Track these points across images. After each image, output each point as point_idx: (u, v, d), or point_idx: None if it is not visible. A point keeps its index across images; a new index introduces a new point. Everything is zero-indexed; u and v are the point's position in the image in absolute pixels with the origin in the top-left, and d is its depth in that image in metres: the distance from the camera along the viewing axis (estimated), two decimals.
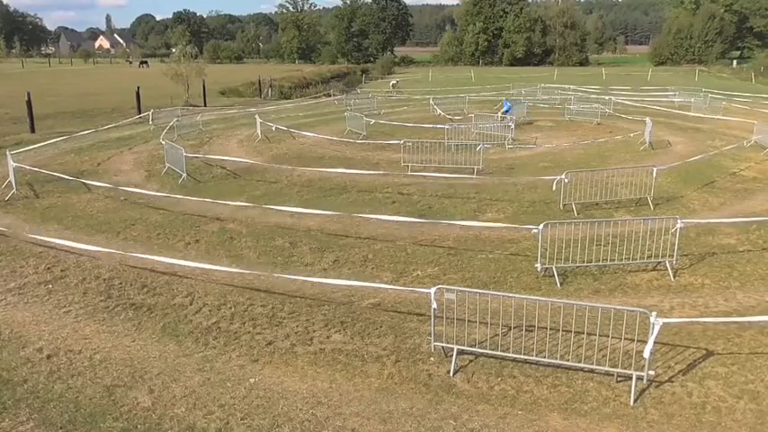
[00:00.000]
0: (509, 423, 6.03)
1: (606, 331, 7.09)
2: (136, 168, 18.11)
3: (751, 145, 19.99)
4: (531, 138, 22.81)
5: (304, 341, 7.64)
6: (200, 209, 13.16)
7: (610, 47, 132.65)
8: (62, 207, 13.88)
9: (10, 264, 10.27)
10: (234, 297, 8.90)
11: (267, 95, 43.61)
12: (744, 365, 6.98)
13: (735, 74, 69.44)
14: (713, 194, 14.66)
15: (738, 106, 31.96)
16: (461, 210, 13.55)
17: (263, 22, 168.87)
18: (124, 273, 9.83)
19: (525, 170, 17.19)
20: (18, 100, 28.19)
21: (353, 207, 13.34)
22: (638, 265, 9.87)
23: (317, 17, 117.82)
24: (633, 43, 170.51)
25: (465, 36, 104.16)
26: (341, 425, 6.00)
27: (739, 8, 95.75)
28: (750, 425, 5.97)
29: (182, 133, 23.49)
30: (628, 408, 6.25)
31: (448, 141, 19.03)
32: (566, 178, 12.96)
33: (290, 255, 10.78)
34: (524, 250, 10.68)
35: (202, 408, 6.26)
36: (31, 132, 24.16)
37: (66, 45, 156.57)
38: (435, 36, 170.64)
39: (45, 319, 8.26)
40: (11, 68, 76.92)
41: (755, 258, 10.40)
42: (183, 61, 38.42)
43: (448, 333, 7.19)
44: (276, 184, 16.00)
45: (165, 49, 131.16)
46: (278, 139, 22.86)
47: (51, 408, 6.26)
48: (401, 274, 9.89)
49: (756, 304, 8.61)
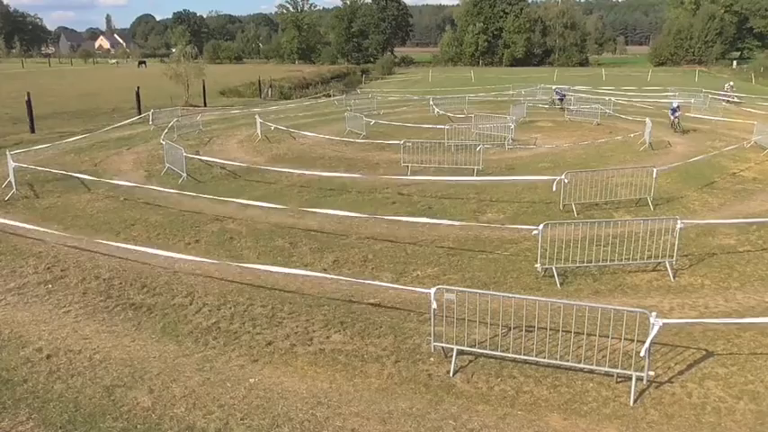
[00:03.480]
0: (509, 423, 6.02)
1: (606, 332, 7.09)
2: (136, 168, 18.12)
3: (751, 145, 20.00)
4: (530, 138, 22.82)
5: (304, 341, 7.64)
6: (200, 208, 13.16)
7: (610, 47, 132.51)
8: (62, 207, 13.88)
9: (10, 264, 10.27)
10: (234, 297, 8.90)
11: (267, 96, 43.61)
12: (744, 366, 6.98)
13: (735, 74, 69.41)
14: (713, 195, 14.66)
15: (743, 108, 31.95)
16: (461, 210, 13.55)
17: (263, 23, 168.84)
18: (124, 273, 9.83)
19: (525, 170, 17.18)
20: (18, 100, 28.21)
21: (354, 207, 13.33)
22: (638, 266, 9.87)
23: (317, 17, 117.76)
24: (633, 44, 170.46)
25: (465, 36, 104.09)
26: (341, 425, 6.00)
27: (739, 9, 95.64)
28: (750, 425, 5.97)
29: (182, 133, 23.49)
30: (627, 408, 6.25)
31: (448, 142, 19.04)
32: (566, 179, 12.96)
33: (290, 255, 10.78)
34: (524, 251, 10.68)
35: (202, 408, 6.26)
36: (31, 132, 24.18)
37: (66, 45, 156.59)
38: (435, 36, 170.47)
39: (45, 318, 8.26)
40: (11, 68, 76.91)
41: (755, 259, 10.40)
42: (182, 61, 38.44)
43: (448, 333, 7.19)
44: (276, 185, 16.00)
45: (165, 50, 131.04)
46: (278, 140, 22.86)
47: (51, 408, 6.26)
48: (401, 274, 9.89)
49: (756, 305, 8.61)
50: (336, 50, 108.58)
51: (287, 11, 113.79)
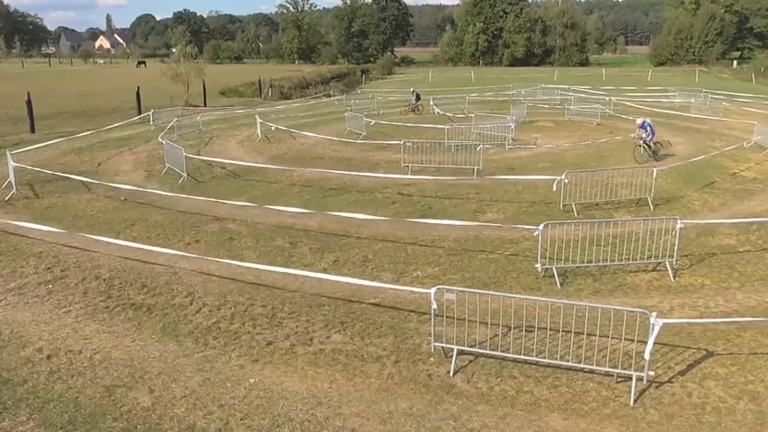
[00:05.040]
0: (509, 423, 6.02)
1: (606, 332, 7.09)
2: (136, 168, 18.11)
3: (751, 146, 19.99)
4: (531, 138, 22.81)
5: (304, 341, 7.64)
6: (200, 209, 13.16)
7: (610, 47, 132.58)
8: (62, 207, 13.88)
9: (10, 264, 10.27)
10: (234, 297, 8.90)
11: (267, 95, 43.61)
12: (744, 366, 6.98)
13: (735, 74, 69.41)
14: (713, 195, 14.66)
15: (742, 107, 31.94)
16: (461, 210, 13.55)
17: (263, 23, 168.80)
18: (124, 273, 9.83)
19: (525, 170, 17.17)
20: (18, 100, 28.18)
21: (354, 207, 13.33)
22: (638, 266, 9.86)
23: (317, 17, 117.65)
24: (633, 44, 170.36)
25: (465, 36, 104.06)
26: (341, 425, 6.00)
27: (740, 8, 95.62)
28: (750, 425, 5.97)
29: (182, 133, 23.50)
30: (628, 408, 6.25)
31: (448, 142, 19.03)
32: (566, 179, 12.96)
33: (290, 255, 10.78)
34: (524, 250, 10.68)
35: (202, 408, 6.26)
36: (32, 132, 24.17)
37: (66, 45, 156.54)
38: (435, 36, 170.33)
39: (45, 319, 8.26)
40: (11, 68, 76.86)
41: (755, 259, 10.40)
42: (182, 61, 38.43)
43: (448, 333, 7.19)
44: (276, 185, 16.00)
45: (165, 50, 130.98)
46: (278, 140, 22.86)
47: (51, 408, 6.26)
48: (401, 274, 9.89)
49: (756, 305, 8.61)
50: (336, 50, 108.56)
51: (287, 11, 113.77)
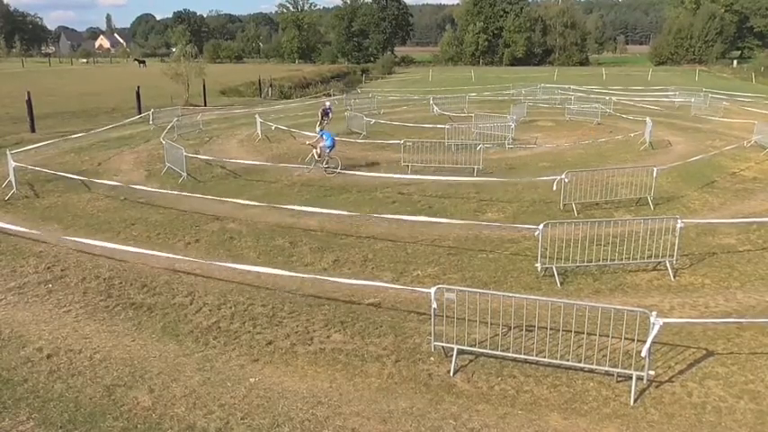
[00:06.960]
0: (509, 423, 6.02)
1: (606, 331, 7.09)
2: (136, 168, 18.11)
3: (751, 145, 19.99)
4: (531, 137, 22.81)
5: (304, 341, 7.64)
6: (200, 208, 13.16)
7: (610, 47, 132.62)
8: (62, 207, 13.88)
9: (10, 263, 10.27)
10: (234, 297, 8.90)
11: (267, 95, 43.61)
12: (744, 365, 6.98)
13: (735, 74, 69.38)
14: (713, 194, 14.66)
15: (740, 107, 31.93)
16: (461, 209, 13.55)
17: (263, 22, 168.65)
18: (124, 272, 9.83)
19: (526, 170, 17.18)
20: (18, 99, 28.19)
21: (354, 207, 13.33)
22: (639, 265, 9.86)
23: (317, 17, 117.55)
24: (633, 43, 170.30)
25: (465, 36, 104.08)
26: (341, 424, 6.00)
27: (740, 8, 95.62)
28: (750, 425, 5.97)
29: (182, 133, 23.49)
30: (628, 408, 6.25)
31: (448, 141, 19.03)
32: (566, 178, 12.96)
33: (290, 254, 10.78)
34: (524, 250, 10.68)
35: (202, 407, 6.26)
36: (32, 132, 24.17)
37: (66, 45, 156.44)
38: (435, 36, 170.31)
39: (45, 318, 8.26)
40: (11, 68, 76.83)
41: (755, 258, 10.40)
42: (183, 61, 38.43)
43: (448, 333, 7.19)
44: (276, 184, 16.00)
45: (165, 49, 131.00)
46: (278, 139, 22.86)
47: (51, 407, 6.26)
48: (401, 273, 9.88)
49: (756, 304, 8.61)
50: (336, 50, 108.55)
51: (287, 10, 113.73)
